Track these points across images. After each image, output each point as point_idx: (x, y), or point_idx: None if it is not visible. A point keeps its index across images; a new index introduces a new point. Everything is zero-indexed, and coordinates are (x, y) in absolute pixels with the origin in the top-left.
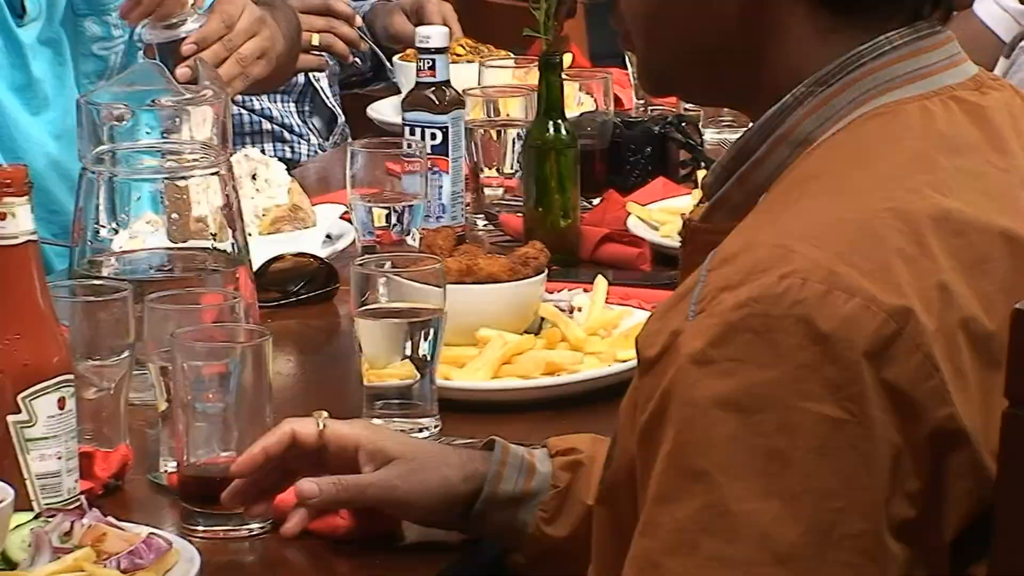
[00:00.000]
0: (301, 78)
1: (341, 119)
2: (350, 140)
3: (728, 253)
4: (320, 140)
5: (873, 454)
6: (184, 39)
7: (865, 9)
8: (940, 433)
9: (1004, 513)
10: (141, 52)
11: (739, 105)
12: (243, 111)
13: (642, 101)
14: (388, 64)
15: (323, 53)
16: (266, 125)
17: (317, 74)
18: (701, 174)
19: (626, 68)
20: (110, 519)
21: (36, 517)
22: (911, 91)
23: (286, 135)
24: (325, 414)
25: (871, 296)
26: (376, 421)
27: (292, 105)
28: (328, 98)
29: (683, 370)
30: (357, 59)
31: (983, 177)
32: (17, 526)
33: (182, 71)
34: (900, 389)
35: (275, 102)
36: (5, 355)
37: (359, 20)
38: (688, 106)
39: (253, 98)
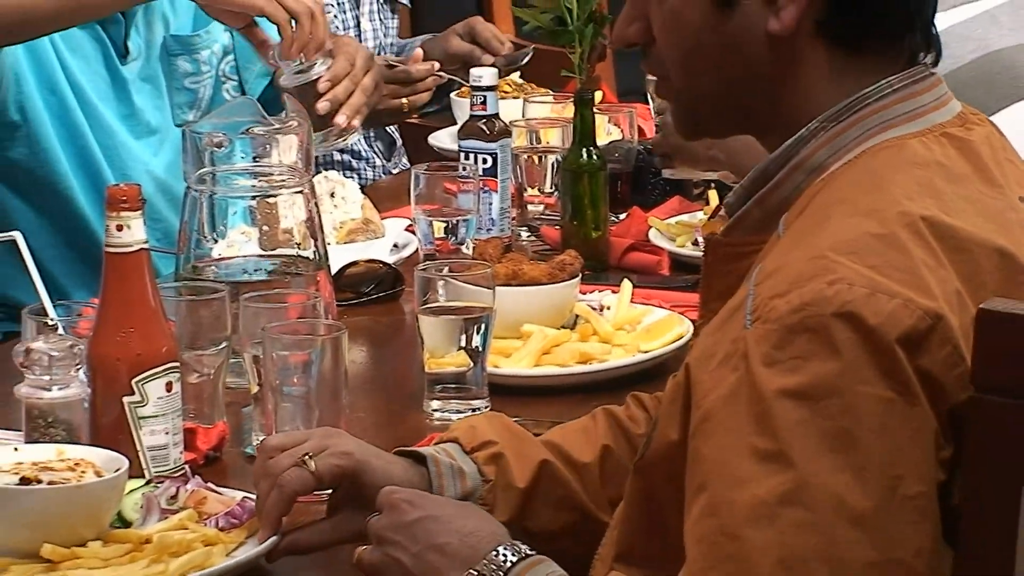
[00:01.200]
0: None
1: (399, 143)
2: (407, 164)
3: (771, 268)
4: (383, 162)
5: (921, 428)
6: (316, 80)
7: (873, 51)
8: (960, 411)
9: (968, 484)
10: (283, 96)
11: (760, 136)
12: None
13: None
14: (458, 78)
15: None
16: (336, 155)
17: None
18: (712, 194)
19: (648, 104)
20: (210, 485)
21: (147, 483)
22: (909, 128)
23: (354, 162)
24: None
25: (909, 297)
26: (435, 403)
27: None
28: (389, 126)
29: (752, 372)
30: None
31: (978, 202)
32: (131, 491)
33: (322, 105)
34: (933, 375)
35: None
36: (121, 346)
37: (436, 65)
38: None
39: None
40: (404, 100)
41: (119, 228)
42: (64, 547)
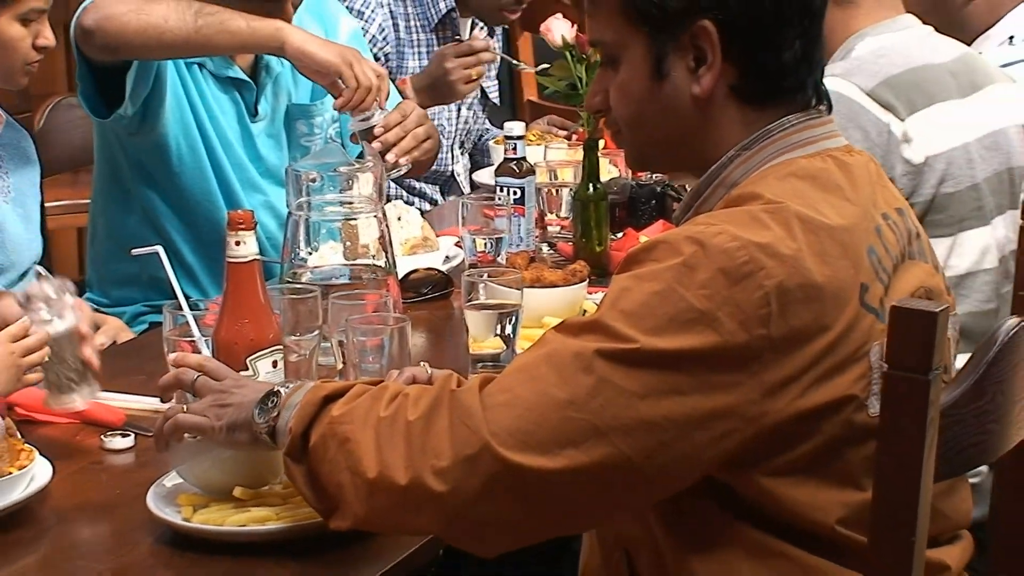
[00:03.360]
0: None
1: (459, 178)
2: (448, 199)
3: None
4: (435, 196)
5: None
6: (374, 126)
7: (773, 104)
8: (758, 344)
9: (883, 435)
10: (349, 136)
11: (689, 172)
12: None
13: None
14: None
15: None
16: (402, 192)
17: None
18: None
19: None
20: None
21: None
22: (804, 152)
23: (413, 197)
24: (427, 364)
25: (739, 237)
26: None
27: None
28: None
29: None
30: None
31: (837, 203)
32: None
33: (375, 145)
34: (739, 302)
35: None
36: (238, 332)
37: (492, 43)
38: None
39: None
40: (472, 71)
41: (237, 243)
42: (250, 488)
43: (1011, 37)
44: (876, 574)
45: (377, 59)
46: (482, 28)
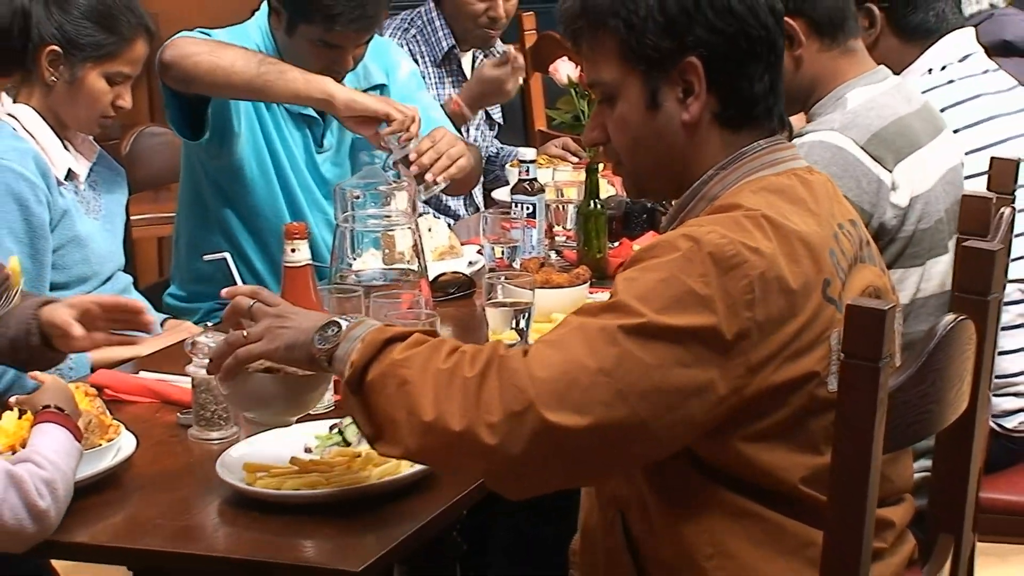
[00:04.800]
0: None
1: (477, 199)
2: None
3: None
4: (460, 212)
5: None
6: (410, 153)
7: (747, 129)
8: (749, 324)
9: (840, 414)
10: (392, 165)
11: (677, 193)
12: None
13: None
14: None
15: None
16: (430, 209)
17: None
18: None
19: None
20: None
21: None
22: (773, 171)
23: (439, 213)
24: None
25: (731, 238)
26: None
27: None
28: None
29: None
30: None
31: (804, 215)
32: (351, 423)
33: (412, 168)
34: (730, 292)
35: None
36: None
37: (519, 56)
38: None
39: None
40: (509, 85)
41: (293, 251)
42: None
43: (930, 69)
44: (834, 528)
45: None
46: (485, 56)
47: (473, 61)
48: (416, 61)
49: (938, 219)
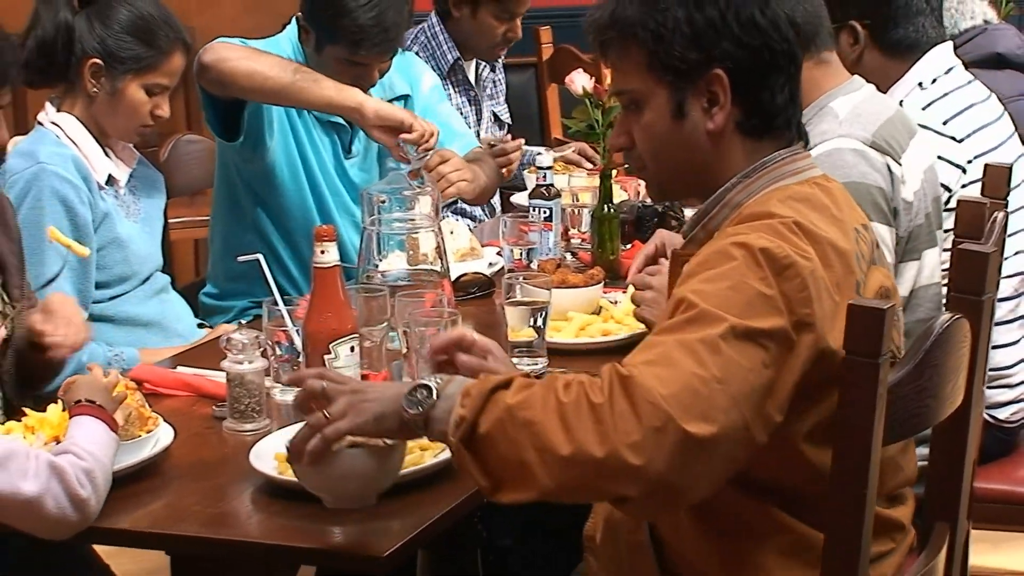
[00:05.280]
0: None
1: (496, 205)
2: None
3: (701, 252)
4: (480, 216)
5: (774, 311)
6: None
7: (769, 138)
8: (805, 319)
9: (842, 405)
10: (408, 174)
11: (699, 196)
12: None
13: None
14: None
15: None
16: (451, 214)
17: None
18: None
19: None
20: None
21: None
22: (794, 180)
23: (460, 216)
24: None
25: (780, 244)
26: (514, 359)
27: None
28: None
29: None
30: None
31: (830, 221)
32: None
33: (431, 175)
34: (786, 293)
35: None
36: (323, 324)
37: (522, 141)
38: None
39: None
40: (504, 170)
41: (322, 252)
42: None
43: (920, 83)
44: (835, 517)
45: None
46: (491, 69)
47: (477, 68)
48: None
49: (927, 213)
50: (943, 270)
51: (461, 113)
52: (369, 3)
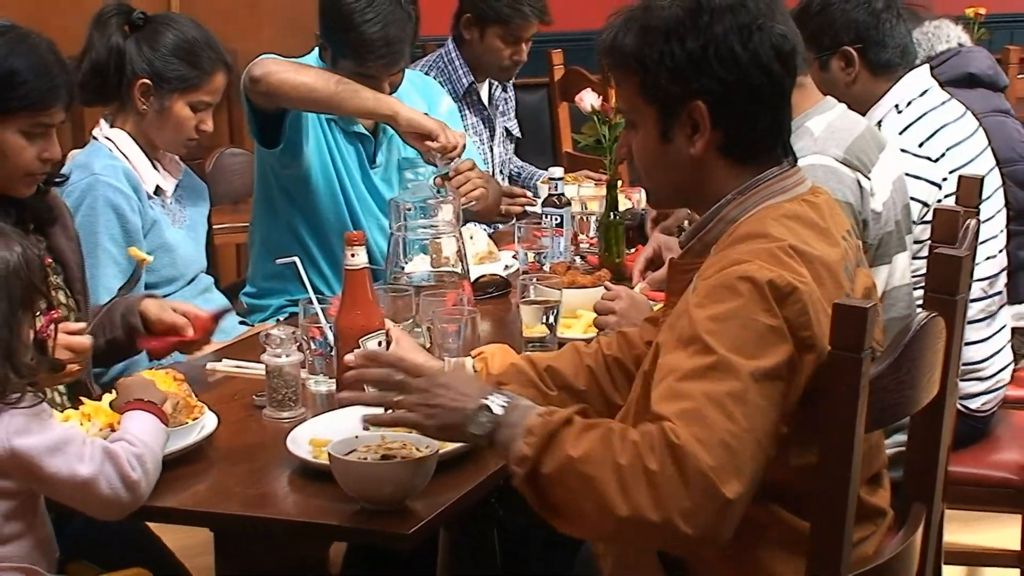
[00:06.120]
0: None
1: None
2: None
3: (704, 270)
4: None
5: (781, 342)
6: (451, 170)
7: (753, 159)
8: (808, 342)
9: (825, 399)
10: (433, 181)
11: (694, 207)
12: None
13: None
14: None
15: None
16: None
17: None
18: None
19: None
20: None
21: None
22: (784, 197)
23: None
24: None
25: (780, 273)
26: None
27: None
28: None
29: (690, 312)
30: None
31: (818, 237)
32: None
33: (456, 179)
34: (789, 319)
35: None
36: (353, 320)
37: (529, 194)
38: None
39: None
40: (503, 207)
41: (352, 255)
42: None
43: (896, 106)
44: (820, 502)
45: None
46: (503, 89)
47: (490, 89)
48: None
49: (896, 221)
50: (920, 275)
51: (476, 131)
52: (374, 19)
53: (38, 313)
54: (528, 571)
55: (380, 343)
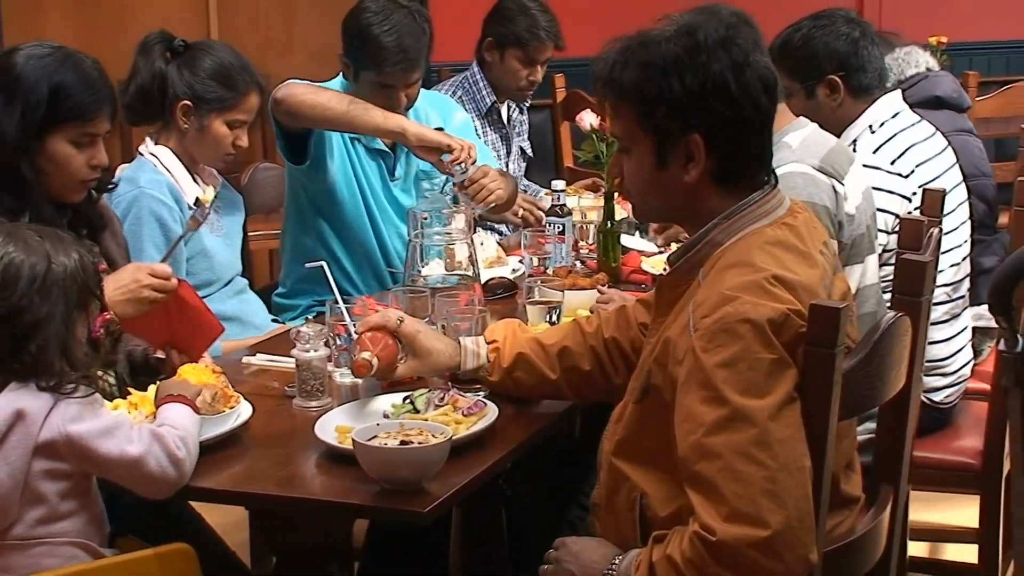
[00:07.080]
0: None
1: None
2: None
3: (700, 301)
4: (503, 229)
5: (788, 372)
6: (467, 178)
7: (741, 184)
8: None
9: (804, 394)
10: (451, 188)
11: (684, 225)
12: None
13: None
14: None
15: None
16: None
17: None
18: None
19: None
20: (457, 390)
21: (428, 390)
22: (766, 221)
23: (489, 232)
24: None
25: (771, 305)
26: None
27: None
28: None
29: (697, 356)
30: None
31: (798, 260)
32: (420, 394)
33: (471, 188)
34: (789, 345)
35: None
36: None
37: (543, 216)
38: None
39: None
40: (522, 210)
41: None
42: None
43: (870, 126)
44: None
45: None
46: (520, 111)
47: (508, 109)
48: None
49: (867, 225)
50: (890, 280)
51: (495, 147)
52: (389, 29)
53: (92, 313)
54: (533, 546)
55: (400, 319)
